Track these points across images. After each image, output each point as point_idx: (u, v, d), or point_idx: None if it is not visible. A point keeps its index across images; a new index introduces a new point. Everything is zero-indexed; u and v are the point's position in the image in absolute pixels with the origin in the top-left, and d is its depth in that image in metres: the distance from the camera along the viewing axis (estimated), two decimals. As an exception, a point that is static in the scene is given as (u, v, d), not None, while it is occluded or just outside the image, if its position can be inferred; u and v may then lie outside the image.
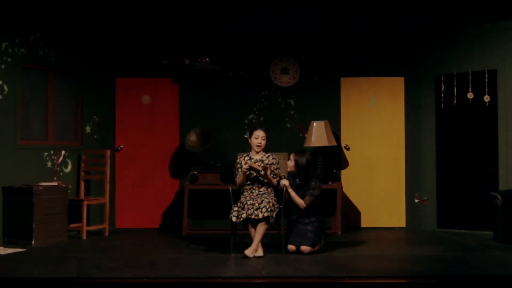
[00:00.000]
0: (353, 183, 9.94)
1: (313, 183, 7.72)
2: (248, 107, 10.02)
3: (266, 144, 7.89)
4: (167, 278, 6.31)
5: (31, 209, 8.18)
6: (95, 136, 9.73)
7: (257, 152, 7.86)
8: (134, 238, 8.99)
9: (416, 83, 9.91)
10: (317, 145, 9.43)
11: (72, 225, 8.92)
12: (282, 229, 7.74)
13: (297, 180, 7.79)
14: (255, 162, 7.71)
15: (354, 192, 9.95)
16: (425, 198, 9.79)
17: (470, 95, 9.41)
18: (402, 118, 9.93)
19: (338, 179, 9.85)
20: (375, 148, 9.96)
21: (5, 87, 8.47)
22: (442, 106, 9.67)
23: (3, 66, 8.44)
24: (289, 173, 7.90)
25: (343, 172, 9.99)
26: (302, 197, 7.69)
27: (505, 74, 9.13)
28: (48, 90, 9.16)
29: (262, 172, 7.65)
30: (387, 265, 7.05)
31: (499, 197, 8.44)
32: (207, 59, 9.78)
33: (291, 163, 7.78)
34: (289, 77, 10.04)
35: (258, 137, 7.82)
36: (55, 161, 9.08)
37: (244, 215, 7.41)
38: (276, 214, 7.50)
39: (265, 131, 7.88)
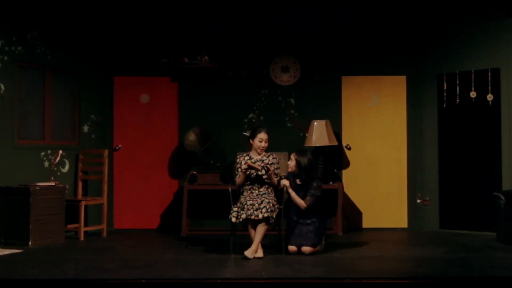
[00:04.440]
0: (354, 183, 9.88)
1: (314, 184, 7.65)
2: (248, 106, 9.96)
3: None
4: (166, 279, 6.27)
5: (28, 209, 8.12)
6: (93, 136, 9.67)
7: (259, 154, 7.79)
8: (132, 239, 8.96)
9: (418, 82, 9.86)
10: (317, 145, 9.38)
11: (70, 226, 8.87)
12: (282, 229, 7.69)
13: (298, 180, 7.71)
14: (254, 162, 7.65)
15: (356, 192, 9.89)
16: (427, 199, 9.74)
17: (473, 94, 9.36)
18: (404, 117, 9.88)
19: (339, 179, 9.80)
20: (377, 147, 9.90)
21: (2, 86, 8.43)
22: (444, 105, 9.63)
23: (-1, 65, 8.41)
24: (290, 173, 7.83)
25: (344, 172, 9.93)
26: (303, 198, 7.62)
27: (508, 73, 9.07)
28: (45, 89, 9.12)
29: (263, 171, 7.58)
30: (389, 266, 7.01)
31: (503, 198, 8.40)
32: (207, 58, 9.73)
33: (292, 163, 7.71)
34: (290, 75, 9.98)
35: (262, 141, 7.76)
36: (52, 161, 9.03)
37: (243, 216, 7.35)
38: (276, 215, 7.44)
39: (268, 133, 7.80)
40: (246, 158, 7.80)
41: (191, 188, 9.48)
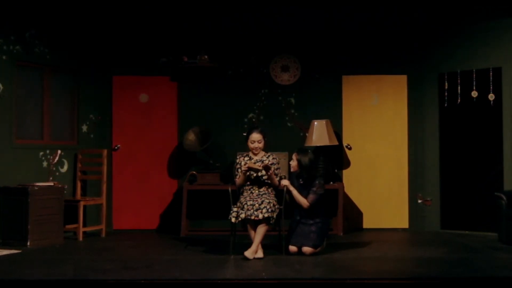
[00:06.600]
0: (355, 183, 9.84)
1: (317, 182, 7.61)
2: (248, 106, 9.93)
3: (265, 143, 7.78)
4: (165, 280, 6.24)
5: (27, 209, 8.09)
6: (92, 135, 9.64)
7: (256, 154, 7.74)
8: (131, 240, 8.94)
9: (419, 82, 9.84)
10: (318, 145, 9.34)
11: (68, 226, 8.85)
12: (283, 230, 7.64)
13: (300, 180, 7.67)
14: (254, 163, 7.60)
15: (356, 192, 9.86)
16: (428, 199, 9.70)
17: (474, 94, 9.34)
18: (405, 117, 9.85)
19: (339, 179, 9.76)
20: (378, 147, 9.87)
21: (0, 86, 8.40)
22: (445, 105, 9.60)
23: (-3, 64, 8.39)
24: (292, 173, 7.80)
25: (344, 172, 9.89)
26: (305, 197, 7.57)
27: (510, 72, 9.04)
28: (44, 88, 9.09)
29: (264, 172, 7.53)
30: (390, 267, 6.99)
31: (504, 198, 8.36)
32: (206, 57, 9.70)
33: (293, 163, 7.68)
34: (290, 75, 9.95)
35: (254, 142, 7.70)
36: (51, 160, 8.98)
37: (243, 215, 7.30)
38: (276, 215, 7.39)
39: (261, 132, 7.74)
40: (246, 158, 7.75)
41: (190, 188, 9.44)
